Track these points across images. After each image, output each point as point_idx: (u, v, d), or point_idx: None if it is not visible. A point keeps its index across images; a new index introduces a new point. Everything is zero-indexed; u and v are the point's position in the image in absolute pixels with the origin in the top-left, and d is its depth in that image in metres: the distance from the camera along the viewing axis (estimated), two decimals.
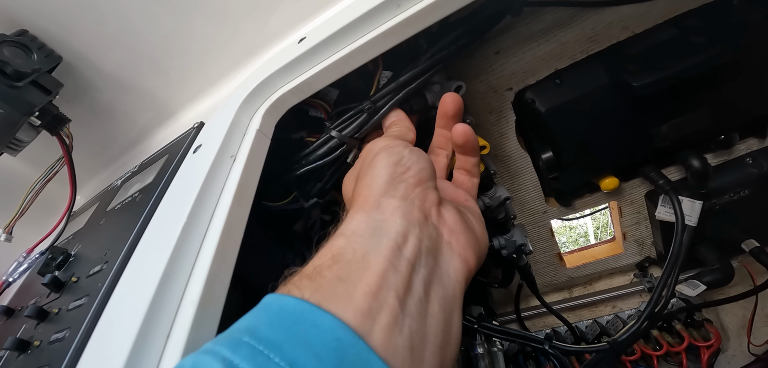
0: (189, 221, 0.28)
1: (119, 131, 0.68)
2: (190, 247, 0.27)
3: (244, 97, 0.39)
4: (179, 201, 0.31)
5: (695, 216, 0.55)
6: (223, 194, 0.32)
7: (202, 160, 0.34)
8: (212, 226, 0.29)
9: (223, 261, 0.28)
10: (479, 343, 0.65)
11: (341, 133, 0.44)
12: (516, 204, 0.65)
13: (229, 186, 0.32)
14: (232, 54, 0.57)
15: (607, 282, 0.76)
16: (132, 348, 0.21)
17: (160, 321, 0.23)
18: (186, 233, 0.28)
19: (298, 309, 0.19)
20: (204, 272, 0.26)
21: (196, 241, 0.28)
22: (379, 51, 0.36)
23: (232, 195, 0.31)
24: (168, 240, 0.27)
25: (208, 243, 0.28)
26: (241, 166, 0.33)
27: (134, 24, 0.54)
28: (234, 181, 0.32)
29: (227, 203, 0.30)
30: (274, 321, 0.18)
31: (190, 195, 0.30)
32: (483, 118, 0.57)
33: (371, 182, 0.28)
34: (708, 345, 0.65)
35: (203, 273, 0.26)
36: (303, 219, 0.57)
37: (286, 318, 0.18)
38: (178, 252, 0.26)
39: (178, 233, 0.27)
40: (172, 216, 0.30)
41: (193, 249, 0.28)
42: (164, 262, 0.25)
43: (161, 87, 0.61)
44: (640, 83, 0.47)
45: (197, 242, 0.28)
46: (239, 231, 0.30)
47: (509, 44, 0.51)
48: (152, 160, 0.52)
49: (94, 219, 0.53)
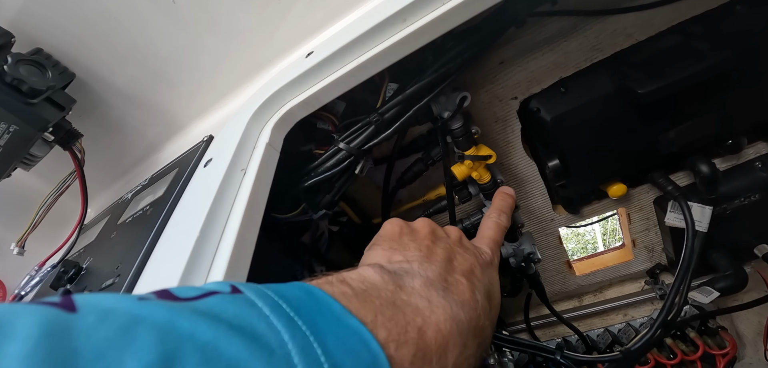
0: (202, 234, 0.29)
1: (130, 145, 0.69)
2: (203, 260, 0.28)
3: (253, 110, 0.39)
4: (192, 214, 0.32)
5: (706, 222, 0.54)
6: (235, 207, 0.32)
7: (213, 173, 0.35)
8: (224, 239, 0.30)
9: (236, 274, 0.28)
10: (491, 354, 0.65)
11: (349, 145, 0.45)
12: (523, 212, 0.65)
13: (241, 199, 0.33)
14: (240, 68, 0.58)
15: (618, 289, 0.75)
16: None
17: None
18: (199, 246, 0.28)
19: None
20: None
21: (209, 254, 0.28)
22: (385, 64, 0.37)
23: (243, 208, 0.31)
24: (182, 254, 0.27)
25: (221, 256, 0.28)
26: (252, 179, 0.34)
27: (145, 40, 0.55)
28: (245, 194, 0.33)
29: (239, 216, 0.31)
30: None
31: (203, 209, 0.30)
32: (489, 127, 0.57)
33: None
34: (723, 353, 0.63)
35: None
36: (311, 230, 0.58)
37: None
38: (191, 266, 0.27)
39: (191, 246, 0.28)
40: (184, 229, 0.30)
41: (206, 262, 0.28)
42: (178, 276, 0.26)
43: (171, 101, 0.63)
44: (645, 90, 0.47)
45: (210, 255, 0.28)
46: (251, 243, 0.31)
47: (513, 54, 0.52)
48: (162, 174, 0.53)
49: (105, 232, 0.54)
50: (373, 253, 0.30)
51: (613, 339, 0.73)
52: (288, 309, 0.17)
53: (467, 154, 0.49)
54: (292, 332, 0.16)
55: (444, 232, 0.33)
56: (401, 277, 0.25)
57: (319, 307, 0.18)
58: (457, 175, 0.51)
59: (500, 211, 0.40)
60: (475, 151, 0.49)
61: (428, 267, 0.27)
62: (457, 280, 0.27)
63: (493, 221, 0.38)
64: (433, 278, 0.26)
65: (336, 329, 0.17)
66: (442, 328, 0.22)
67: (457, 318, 0.23)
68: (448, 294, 0.25)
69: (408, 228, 0.32)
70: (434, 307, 0.23)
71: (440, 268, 0.27)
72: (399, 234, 0.31)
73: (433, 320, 0.22)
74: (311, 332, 0.16)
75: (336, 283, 0.22)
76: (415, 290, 0.24)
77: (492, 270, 0.32)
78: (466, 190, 0.57)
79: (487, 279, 0.30)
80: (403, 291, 0.23)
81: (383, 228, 0.32)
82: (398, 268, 0.26)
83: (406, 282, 0.24)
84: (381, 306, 0.21)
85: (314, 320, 0.17)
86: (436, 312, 0.22)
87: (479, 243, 0.35)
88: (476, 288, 0.27)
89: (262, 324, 0.16)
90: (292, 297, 0.18)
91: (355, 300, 0.20)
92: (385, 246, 0.30)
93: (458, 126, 0.48)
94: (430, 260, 0.28)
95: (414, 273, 0.26)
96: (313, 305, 0.18)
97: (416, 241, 0.30)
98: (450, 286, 0.26)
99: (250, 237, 0.31)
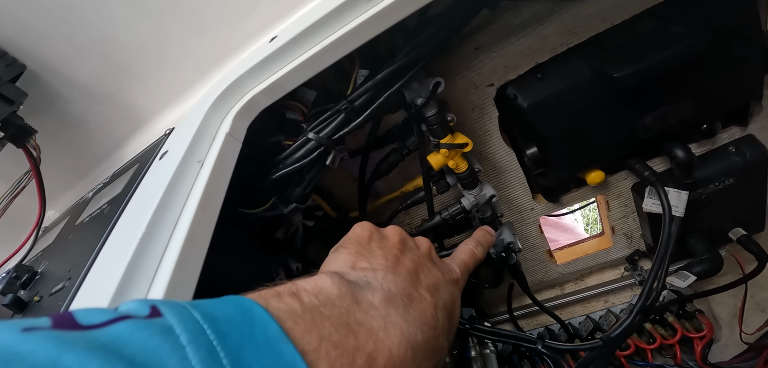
0: (148, 231, 0.27)
1: (93, 142, 0.65)
2: (149, 260, 0.26)
3: (213, 99, 0.37)
4: (139, 211, 0.29)
5: (682, 207, 0.54)
6: (189, 201, 0.30)
7: (166, 166, 0.33)
8: (176, 236, 0.28)
9: (185, 272, 0.26)
10: (472, 346, 0.64)
11: (319, 134, 0.43)
12: (503, 201, 0.64)
13: (195, 192, 0.30)
14: (208, 57, 0.55)
15: (599, 277, 0.75)
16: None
17: None
18: (145, 245, 0.26)
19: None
20: (164, 283, 0.24)
21: (156, 253, 0.26)
22: (352, 47, 0.35)
23: (197, 202, 0.29)
24: (124, 255, 0.25)
25: (170, 254, 0.26)
26: (209, 171, 0.32)
27: (110, 32, 0.52)
28: (200, 186, 0.31)
29: (192, 210, 0.29)
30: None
31: (151, 204, 0.28)
32: (466, 115, 0.56)
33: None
34: (701, 336, 0.64)
35: (163, 284, 0.24)
36: (284, 226, 0.56)
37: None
38: (134, 268, 0.25)
39: (135, 246, 0.25)
40: (131, 227, 0.28)
41: (153, 262, 0.26)
42: (116, 281, 0.24)
43: (136, 94, 0.59)
44: (621, 74, 0.47)
45: (157, 253, 0.26)
46: (205, 239, 0.28)
47: (489, 40, 0.50)
48: (123, 170, 0.50)
49: (63, 233, 0.51)
50: (338, 256, 0.28)
51: (595, 325, 0.73)
52: (212, 335, 0.15)
53: (443, 142, 0.48)
54: (208, 366, 0.14)
55: (414, 243, 0.32)
56: (361, 290, 0.23)
57: (252, 331, 0.17)
58: (433, 164, 0.50)
59: (478, 243, 0.40)
60: (451, 139, 0.48)
61: (392, 279, 0.25)
62: (421, 296, 0.26)
63: (469, 248, 0.39)
64: (395, 292, 0.24)
65: (266, 360, 0.16)
66: (394, 353, 0.20)
67: (414, 340, 0.22)
68: (409, 311, 0.24)
69: (378, 234, 0.31)
70: (390, 329, 0.21)
71: (405, 281, 0.26)
72: (368, 240, 0.30)
73: (386, 344, 0.20)
74: (232, 365, 0.15)
75: (286, 296, 0.20)
76: (373, 306, 0.22)
77: (456, 290, 0.31)
78: (444, 180, 0.55)
79: (451, 297, 0.29)
80: (360, 308, 0.22)
81: (352, 231, 0.31)
82: (360, 278, 0.25)
83: (364, 297, 0.23)
84: (331, 328, 0.19)
85: (240, 349, 0.15)
86: (390, 335, 0.21)
87: (450, 262, 0.34)
88: (438, 305, 0.26)
89: (173, 359, 0.14)
90: (223, 318, 0.16)
91: (301, 320, 0.19)
92: (351, 250, 0.29)
93: (433, 113, 0.46)
94: (395, 271, 0.27)
95: (375, 287, 0.24)
96: (246, 328, 0.17)
97: (384, 249, 0.29)
98: (413, 301, 0.25)
99: (204, 233, 0.28)
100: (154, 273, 0.25)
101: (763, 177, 0.57)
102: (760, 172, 0.57)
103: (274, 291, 0.20)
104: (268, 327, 0.17)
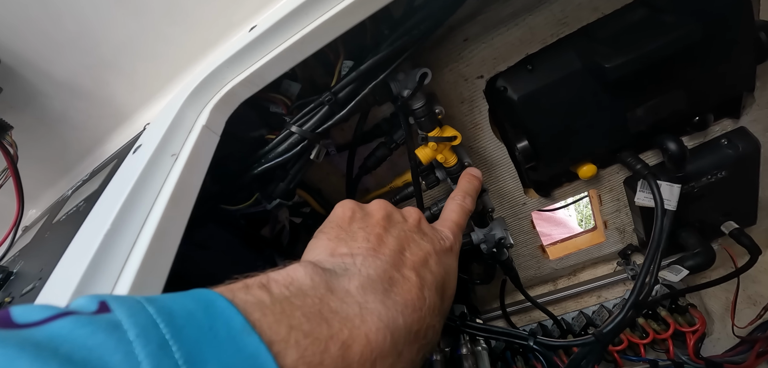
0: (114, 228, 0.25)
1: (74, 138, 0.64)
2: (114, 257, 0.24)
3: (189, 92, 0.36)
4: (107, 206, 0.28)
5: (674, 200, 0.53)
6: (160, 196, 0.29)
7: (138, 160, 0.31)
8: (145, 231, 0.26)
9: (154, 268, 0.25)
10: (463, 343, 0.63)
11: (302, 127, 0.41)
12: (495, 196, 0.63)
13: (168, 187, 0.29)
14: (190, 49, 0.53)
15: (591, 272, 0.74)
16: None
17: None
18: (110, 241, 0.25)
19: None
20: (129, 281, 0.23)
21: (123, 248, 0.25)
22: (334, 35, 0.34)
23: (168, 197, 0.28)
24: (87, 252, 0.24)
25: (138, 250, 0.25)
26: (183, 164, 0.30)
27: (88, 27, 0.50)
28: (173, 181, 0.29)
29: (163, 205, 0.27)
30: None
31: (118, 200, 0.27)
32: (455, 109, 0.55)
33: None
34: (693, 330, 0.64)
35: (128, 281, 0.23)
36: (270, 223, 0.54)
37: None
38: (97, 265, 0.23)
39: (98, 242, 0.24)
40: (97, 224, 0.27)
41: (120, 257, 0.24)
42: (79, 276, 0.22)
43: (119, 90, 0.58)
44: (612, 65, 0.46)
45: (125, 249, 0.25)
46: (176, 235, 0.27)
47: (478, 30, 0.49)
48: (102, 166, 0.49)
49: (40, 232, 0.49)
50: (317, 243, 0.27)
51: (588, 321, 0.73)
52: (166, 330, 0.14)
53: (431, 136, 0.47)
54: (157, 364, 0.13)
55: (401, 216, 0.30)
56: (337, 278, 0.22)
57: (212, 325, 0.15)
58: (421, 158, 0.49)
59: (465, 193, 0.38)
60: (439, 132, 0.47)
61: (372, 263, 0.24)
62: (405, 277, 0.24)
63: (457, 203, 0.36)
64: (374, 277, 0.23)
65: (225, 354, 0.15)
66: (371, 339, 0.19)
67: (394, 325, 0.21)
68: (389, 295, 0.22)
69: (360, 212, 0.29)
70: (367, 315, 0.20)
71: (386, 263, 0.25)
72: (349, 220, 0.28)
73: (362, 331, 0.19)
74: (186, 361, 0.13)
75: (254, 288, 0.19)
76: (349, 293, 0.21)
77: (450, 258, 0.30)
78: (433, 175, 0.54)
79: (443, 269, 0.28)
80: (335, 296, 0.21)
81: (334, 212, 0.30)
82: (337, 265, 0.24)
83: (340, 284, 0.22)
84: (302, 317, 0.18)
85: (197, 344, 0.14)
86: (367, 321, 0.20)
87: (441, 226, 0.33)
88: (426, 283, 0.25)
89: (117, 355, 0.13)
90: (181, 312, 0.15)
91: (270, 311, 0.18)
92: (331, 235, 0.27)
93: (420, 105, 0.45)
94: (376, 253, 0.25)
95: (353, 273, 0.23)
96: (205, 322, 0.15)
97: (366, 229, 0.27)
98: (395, 284, 0.23)
99: (175, 229, 0.27)
100: (120, 271, 0.24)
101: (755, 170, 0.57)
102: (752, 164, 0.56)
103: (243, 284, 0.19)
104: (232, 319, 0.16)
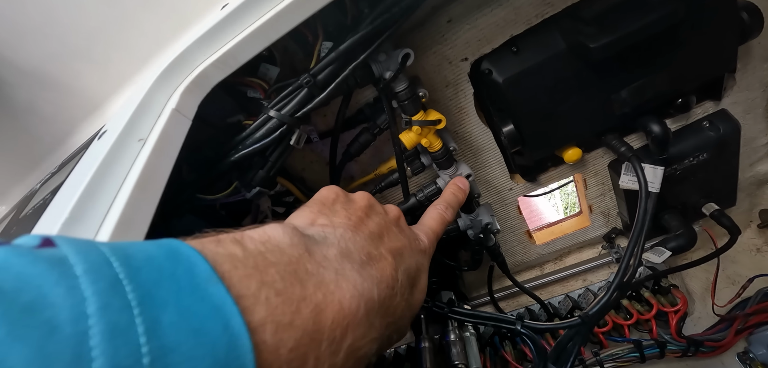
0: (73, 216, 0.24)
1: (45, 130, 0.61)
2: None
3: (158, 73, 0.34)
4: (68, 195, 0.26)
5: (658, 183, 0.54)
6: (126, 182, 0.27)
7: (102, 146, 0.29)
8: (108, 219, 0.25)
9: None
10: (451, 329, 0.63)
11: (280, 112, 0.40)
12: (480, 182, 0.63)
13: (134, 173, 0.27)
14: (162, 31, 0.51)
15: (577, 256, 0.75)
16: None
17: None
18: (68, 230, 0.23)
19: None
20: None
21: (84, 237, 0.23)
22: (309, 12, 0.32)
23: (133, 184, 0.26)
24: None
25: (100, 239, 0.23)
26: (150, 149, 0.29)
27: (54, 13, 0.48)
28: (139, 166, 0.28)
29: (128, 192, 0.26)
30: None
31: (79, 187, 0.25)
32: (440, 93, 0.54)
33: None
34: (675, 310, 0.65)
35: None
36: (252, 212, 0.53)
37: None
38: None
39: (56, 231, 0.22)
40: (55, 214, 0.25)
41: None
42: None
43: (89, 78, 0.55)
44: (596, 45, 0.45)
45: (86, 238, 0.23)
46: (143, 223, 0.26)
47: (461, 11, 0.48)
48: (71, 157, 0.46)
49: (7, 229, 0.46)
50: (298, 213, 0.26)
51: (574, 304, 0.73)
52: (120, 270, 0.13)
53: (415, 120, 0.45)
54: (106, 302, 0.12)
55: (383, 209, 0.30)
56: (316, 243, 0.21)
57: (174, 271, 0.14)
58: (405, 142, 0.48)
59: (447, 205, 0.39)
60: (423, 115, 0.46)
61: (352, 237, 0.24)
62: (382, 255, 0.24)
63: (437, 212, 0.37)
64: (352, 249, 0.23)
65: (185, 301, 0.13)
66: (345, 306, 0.18)
67: (367, 295, 0.20)
68: (366, 268, 0.22)
69: (344, 197, 0.29)
70: (342, 281, 0.19)
71: (365, 241, 0.24)
72: (333, 201, 0.28)
73: (336, 296, 0.18)
74: (140, 303, 0.12)
75: (227, 242, 0.18)
76: (327, 258, 0.20)
77: (423, 258, 0.29)
78: (418, 161, 0.53)
79: (416, 264, 0.27)
80: (312, 259, 0.20)
81: (319, 192, 0.29)
82: (317, 232, 0.23)
83: (318, 250, 0.21)
84: (275, 275, 0.17)
85: (154, 287, 0.13)
86: (342, 287, 0.19)
87: (418, 230, 0.33)
88: (400, 267, 0.24)
89: (59, 289, 0.11)
90: (141, 255, 0.14)
91: (241, 265, 0.17)
92: (313, 209, 0.27)
93: (403, 88, 0.44)
94: (356, 230, 0.25)
95: (332, 241, 0.22)
96: (166, 267, 0.14)
97: (348, 210, 0.27)
98: (372, 260, 0.23)
99: (141, 216, 0.26)
100: None
101: (736, 151, 0.58)
102: (733, 146, 0.57)
103: (215, 238, 0.18)
104: (197, 266, 0.15)
